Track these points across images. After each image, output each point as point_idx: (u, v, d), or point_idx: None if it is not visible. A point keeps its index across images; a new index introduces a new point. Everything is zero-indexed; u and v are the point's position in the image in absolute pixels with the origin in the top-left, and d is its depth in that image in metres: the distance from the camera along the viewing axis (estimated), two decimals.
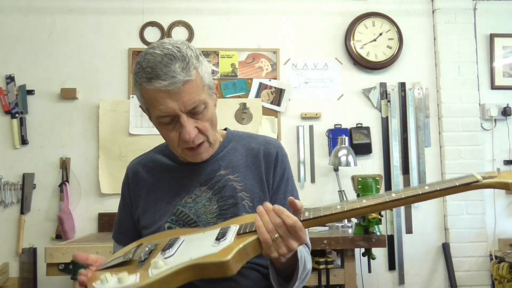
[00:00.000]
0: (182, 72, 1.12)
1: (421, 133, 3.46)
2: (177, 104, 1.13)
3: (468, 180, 1.03)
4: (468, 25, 3.51)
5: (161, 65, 1.11)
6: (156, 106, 1.15)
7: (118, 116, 3.29)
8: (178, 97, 1.13)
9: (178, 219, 1.25)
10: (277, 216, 1.04)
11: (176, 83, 1.11)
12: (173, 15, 3.42)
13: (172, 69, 1.11)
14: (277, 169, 1.31)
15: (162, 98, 1.13)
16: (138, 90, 1.18)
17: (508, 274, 3.10)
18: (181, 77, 1.12)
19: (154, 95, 1.14)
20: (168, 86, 1.11)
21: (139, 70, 1.15)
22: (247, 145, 1.33)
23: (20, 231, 3.17)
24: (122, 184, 1.39)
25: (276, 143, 1.35)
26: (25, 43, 3.32)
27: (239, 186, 1.26)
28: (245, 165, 1.29)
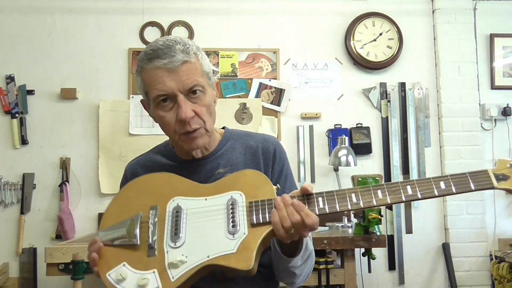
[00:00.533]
0: (182, 53, 1.16)
1: (421, 133, 3.46)
2: (176, 83, 1.15)
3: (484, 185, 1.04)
4: (468, 25, 3.51)
5: (163, 47, 1.16)
6: (155, 85, 1.16)
7: (118, 116, 3.29)
8: (176, 75, 1.15)
9: None
10: (296, 213, 1.04)
11: (175, 61, 1.14)
12: (173, 15, 3.42)
13: (172, 49, 1.15)
14: (275, 166, 1.31)
15: (160, 76, 1.15)
16: (140, 76, 1.20)
17: (508, 274, 3.10)
18: (180, 57, 1.15)
19: (153, 74, 1.16)
20: (167, 64, 1.14)
21: (141, 56, 1.19)
22: (245, 143, 1.34)
23: (20, 231, 3.17)
24: (121, 184, 1.38)
25: (274, 140, 1.36)
26: (25, 43, 3.32)
27: None
28: (244, 163, 1.30)
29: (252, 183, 1.11)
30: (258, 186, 1.11)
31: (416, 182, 1.06)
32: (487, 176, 1.05)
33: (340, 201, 1.06)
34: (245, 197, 1.09)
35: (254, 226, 1.06)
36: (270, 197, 1.09)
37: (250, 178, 1.12)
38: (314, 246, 1.34)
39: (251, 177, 1.13)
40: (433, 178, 1.06)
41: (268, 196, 1.09)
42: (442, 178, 1.06)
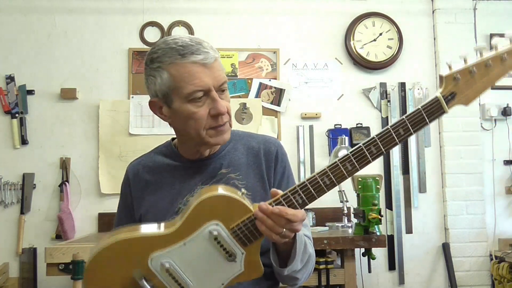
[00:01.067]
0: (211, 50, 1.18)
1: (421, 133, 3.46)
2: (211, 79, 1.17)
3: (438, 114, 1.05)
4: (468, 25, 3.51)
5: (192, 43, 1.17)
6: (191, 80, 1.16)
7: (118, 116, 3.29)
8: (211, 71, 1.17)
9: None
10: (281, 218, 1.03)
11: (210, 58, 1.16)
12: (173, 15, 3.42)
13: (203, 46, 1.17)
14: (277, 167, 1.32)
15: (197, 72, 1.15)
16: (166, 71, 1.17)
17: (508, 274, 3.10)
18: (212, 53, 1.18)
19: (188, 69, 1.15)
20: (204, 59, 1.15)
21: (166, 52, 1.17)
22: (247, 144, 1.34)
23: (20, 231, 3.17)
24: (122, 184, 1.39)
25: (276, 141, 1.36)
26: (25, 43, 3.32)
27: (241, 184, 1.27)
28: (246, 164, 1.30)
29: (221, 207, 1.06)
30: (228, 207, 1.06)
31: (378, 138, 1.07)
32: (439, 105, 1.04)
33: (316, 189, 1.06)
34: (223, 225, 1.05)
35: (247, 245, 1.08)
36: (247, 213, 1.06)
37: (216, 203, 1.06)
38: (314, 246, 1.35)
39: (215, 201, 1.06)
40: (392, 127, 1.06)
41: (244, 213, 1.06)
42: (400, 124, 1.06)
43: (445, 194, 3.41)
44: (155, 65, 1.18)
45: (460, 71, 1.03)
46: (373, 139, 1.07)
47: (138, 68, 3.36)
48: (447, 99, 1.04)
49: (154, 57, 1.19)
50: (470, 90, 1.04)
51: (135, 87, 3.33)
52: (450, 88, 1.04)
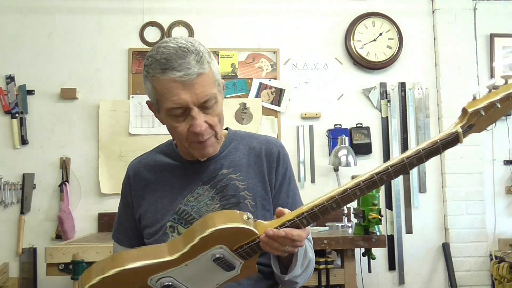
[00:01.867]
0: (197, 64, 1.13)
1: (421, 133, 3.45)
2: (190, 96, 1.13)
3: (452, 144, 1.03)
4: (468, 25, 3.51)
5: (176, 56, 1.12)
6: (169, 97, 1.14)
7: (118, 116, 3.29)
8: (191, 88, 1.13)
9: (180, 218, 1.25)
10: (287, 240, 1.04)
11: (190, 74, 1.12)
12: (173, 15, 3.42)
13: (187, 61, 1.12)
14: (279, 168, 1.31)
15: (175, 89, 1.13)
16: (150, 82, 1.17)
17: (508, 274, 3.10)
18: (195, 69, 1.13)
19: (167, 86, 1.13)
20: (183, 77, 1.12)
21: (152, 62, 1.15)
22: (248, 144, 1.34)
23: (20, 231, 3.17)
24: (123, 183, 1.39)
25: (278, 142, 1.36)
26: (25, 43, 3.32)
27: (242, 185, 1.27)
28: (247, 164, 1.30)
29: (227, 235, 1.04)
30: (235, 234, 1.05)
31: (391, 167, 1.05)
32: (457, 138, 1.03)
33: (323, 213, 1.06)
34: (227, 248, 1.05)
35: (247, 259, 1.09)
36: (252, 236, 1.05)
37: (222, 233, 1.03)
38: (314, 246, 1.35)
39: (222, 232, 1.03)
40: (406, 158, 1.04)
41: (249, 237, 1.05)
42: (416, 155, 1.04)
43: (445, 194, 3.41)
44: (144, 73, 1.19)
45: (486, 106, 1.02)
46: (386, 169, 1.06)
47: (138, 68, 3.36)
48: (465, 131, 1.03)
49: (145, 64, 1.18)
50: (488, 121, 1.03)
51: (135, 87, 3.33)
52: (471, 121, 1.03)
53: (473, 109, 1.02)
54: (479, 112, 1.01)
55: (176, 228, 1.25)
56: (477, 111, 1.02)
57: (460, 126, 1.03)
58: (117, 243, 1.39)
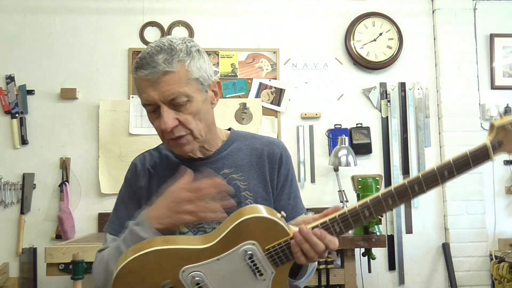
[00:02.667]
0: (163, 63, 1.16)
1: (421, 133, 3.45)
2: (157, 94, 1.17)
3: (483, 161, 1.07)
4: (468, 25, 3.51)
5: (148, 55, 1.18)
6: (141, 94, 1.22)
7: (118, 116, 3.29)
8: (157, 86, 1.17)
9: None
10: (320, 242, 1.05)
11: (155, 72, 1.16)
12: (173, 15, 3.42)
13: (154, 60, 1.17)
14: (281, 170, 1.32)
15: (144, 86, 1.19)
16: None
17: (508, 274, 3.10)
18: (161, 68, 1.16)
19: (139, 84, 1.21)
20: (148, 75, 1.17)
21: (136, 61, 1.23)
22: (251, 145, 1.34)
23: (20, 231, 3.17)
24: (128, 175, 1.37)
25: (280, 144, 1.36)
26: (25, 43, 3.32)
27: (243, 185, 1.27)
28: (249, 165, 1.30)
29: (260, 228, 1.05)
30: (267, 229, 1.05)
31: (423, 178, 1.07)
32: (486, 152, 1.08)
33: (355, 220, 1.08)
34: (259, 246, 1.05)
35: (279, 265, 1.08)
36: (285, 236, 1.06)
37: (255, 223, 1.05)
38: None
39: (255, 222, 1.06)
40: (437, 169, 1.08)
41: (281, 236, 1.06)
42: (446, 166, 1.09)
43: (445, 194, 3.41)
44: None
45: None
46: (418, 178, 1.08)
47: None
48: (494, 147, 1.07)
49: None
50: None
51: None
52: (499, 137, 1.07)
53: (499, 124, 1.06)
54: (505, 126, 1.05)
55: (177, 227, 1.23)
56: (504, 125, 1.06)
57: (489, 139, 1.07)
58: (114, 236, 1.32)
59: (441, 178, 1.08)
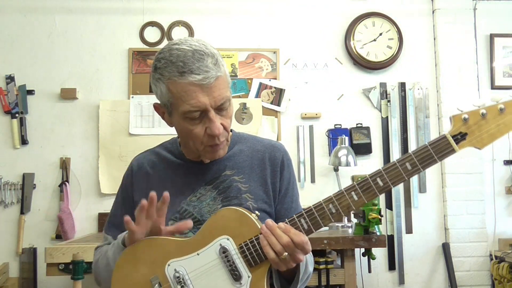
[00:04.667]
0: (214, 67, 1.14)
1: (421, 133, 3.46)
2: (208, 99, 1.14)
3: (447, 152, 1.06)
4: (468, 25, 3.51)
5: (193, 59, 1.12)
6: (187, 100, 1.14)
7: (118, 116, 3.29)
8: (209, 91, 1.13)
9: (182, 217, 1.25)
10: (284, 234, 1.06)
11: (209, 77, 1.12)
12: (173, 15, 3.42)
13: (205, 64, 1.13)
14: (284, 174, 1.32)
15: (194, 92, 1.13)
16: (165, 85, 1.16)
17: (508, 274, 3.10)
18: (214, 72, 1.13)
19: (185, 89, 1.13)
20: (202, 80, 1.12)
21: (167, 65, 1.14)
22: (252, 147, 1.34)
23: (20, 231, 3.17)
24: (124, 176, 1.38)
25: (282, 147, 1.36)
26: (25, 43, 3.32)
27: (244, 187, 1.27)
28: (250, 167, 1.30)
29: (234, 223, 1.11)
30: (240, 223, 1.11)
31: (384, 171, 1.07)
32: (447, 142, 1.05)
33: (321, 216, 1.09)
34: (233, 241, 1.10)
35: (253, 267, 1.10)
36: (256, 233, 1.10)
37: (229, 218, 1.12)
38: (314, 246, 1.36)
39: (229, 216, 1.12)
40: (398, 162, 1.07)
41: (253, 232, 1.10)
42: (407, 159, 1.06)
43: (445, 194, 3.41)
44: (156, 75, 1.17)
45: (469, 112, 1.04)
46: (378, 171, 1.07)
47: (138, 68, 3.36)
48: (456, 139, 1.04)
49: (157, 66, 1.17)
50: (484, 133, 1.03)
51: (135, 87, 3.34)
52: (459, 128, 1.04)
53: (455, 114, 1.05)
54: (463, 117, 1.03)
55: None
56: (460, 115, 1.04)
57: (448, 131, 1.05)
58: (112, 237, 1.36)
59: (405, 172, 1.06)
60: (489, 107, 1.03)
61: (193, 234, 1.21)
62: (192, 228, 1.18)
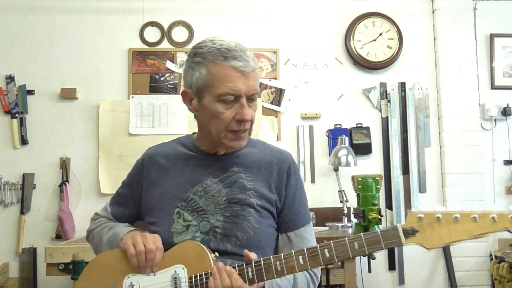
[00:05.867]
0: (253, 60, 1.26)
1: (421, 133, 3.45)
2: (245, 86, 1.23)
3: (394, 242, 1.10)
4: (468, 25, 3.51)
5: (237, 49, 1.24)
6: (225, 82, 1.22)
7: (118, 116, 3.29)
8: (247, 80, 1.23)
9: (188, 206, 1.30)
10: (227, 278, 1.13)
11: (248, 66, 1.23)
12: (173, 15, 3.42)
13: (246, 54, 1.24)
14: (290, 180, 1.36)
15: (234, 76, 1.22)
16: (206, 67, 1.24)
17: (508, 274, 3.10)
18: (253, 63, 1.25)
19: (226, 72, 1.22)
20: (243, 67, 1.22)
21: (211, 50, 1.24)
22: (261, 151, 1.39)
23: (20, 231, 3.17)
24: (136, 163, 1.43)
25: (290, 156, 1.41)
26: (25, 43, 3.32)
27: (249, 185, 1.32)
28: (258, 168, 1.35)
29: (194, 255, 1.19)
30: (199, 258, 1.19)
31: (334, 245, 1.12)
32: (397, 234, 1.10)
33: (266, 270, 1.14)
34: (187, 271, 1.19)
35: None
36: (208, 269, 1.17)
37: (192, 250, 1.20)
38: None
39: (193, 249, 1.20)
40: (348, 239, 1.12)
41: (206, 268, 1.17)
42: (356, 239, 1.12)
43: (445, 194, 3.41)
44: (197, 59, 1.26)
45: (426, 213, 1.08)
46: (329, 243, 1.12)
47: (138, 68, 3.36)
48: (407, 233, 1.08)
49: (199, 52, 1.27)
50: (435, 235, 1.08)
51: (135, 87, 3.34)
52: (412, 224, 1.08)
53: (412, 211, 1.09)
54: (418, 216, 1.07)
55: (182, 214, 1.30)
56: (416, 213, 1.08)
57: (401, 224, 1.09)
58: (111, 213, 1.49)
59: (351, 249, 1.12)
60: (446, 213, 1.08)
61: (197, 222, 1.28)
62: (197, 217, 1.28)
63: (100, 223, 1.50)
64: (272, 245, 1.34)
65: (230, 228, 1.27)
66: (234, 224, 1.27)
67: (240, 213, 1.28)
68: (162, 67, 3.37)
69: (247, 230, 1.27)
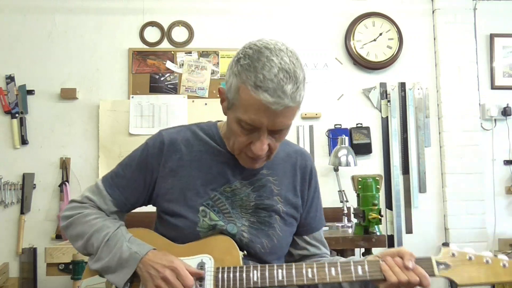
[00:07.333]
0: (290, 96, 1.09)
1: (421, 133, 3.46)
2: (268, 121, 1.10)
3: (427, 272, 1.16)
4: (468, 25, 3.51)
5: (276, 79, 1.07)
6: (247, 112, 1.10)
7: (118, 116, 3.29)
8: (273, 116, 1.10)
9: (214, 205, 1.25)
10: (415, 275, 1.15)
11: (279, 104, 1.08)
12: (173, 15, 3.42)
13: (283, 90, 1.08)
14: (312, 183, 1.37)
15: (258, 109, 1.09)
16: (237, 85, 1.12)
17: None
18: (287, 101, 1.08)
19: (252, 103, 1.09)
20: (272, 104, 1.07)
21: (248, 68, 1.10)
22: (285, 150, 1.35)
23: (20, 231, 3.17)
24: (150, 145, 1.31)
25: (309, 156, 1.40)
26: (25, 43, 3.32)
27: (276, 189, 1.30)
28: (283, 171, 1.32)
29: (223, 248, 1.19)
30: (227, 252, 1.19)
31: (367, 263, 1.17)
32: (430, 264, 1.16)
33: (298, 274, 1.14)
34: (213, 262, 1.18)
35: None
36: (236, 265, 1.17)
37: (221, 243, 1.20)
38: None
39: (222, 242, 1.21)
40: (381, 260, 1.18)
41: (233, 263, 1.17)
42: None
43: (445, 194, 3.41)
44: (235, 69, 1.13)
45: (459, 251, 1.16)
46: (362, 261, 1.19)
47: (138, 68, 3.36)
48: (439, 266, 1.16)
49: (241, 62, 1.13)
50: (465, 273, 1.13)
51: (135, 87, 3.34)
52: (445, 259, 1.16)
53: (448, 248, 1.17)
54: (451, 251, 1.16)
55: (208, 214, 1.24)
56: (450, 250, 1.16)
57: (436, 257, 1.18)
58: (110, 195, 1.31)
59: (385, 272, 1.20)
60: (478, 255, 1.14)
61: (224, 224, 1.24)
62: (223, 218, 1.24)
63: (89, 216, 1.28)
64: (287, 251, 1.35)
65: (256, 234, 1.24)
66: (260, 231, 1.25)
67: (266, 220, 1.26)
68: (162, 67, 3.37)
69: (271, 238, 1.26)
